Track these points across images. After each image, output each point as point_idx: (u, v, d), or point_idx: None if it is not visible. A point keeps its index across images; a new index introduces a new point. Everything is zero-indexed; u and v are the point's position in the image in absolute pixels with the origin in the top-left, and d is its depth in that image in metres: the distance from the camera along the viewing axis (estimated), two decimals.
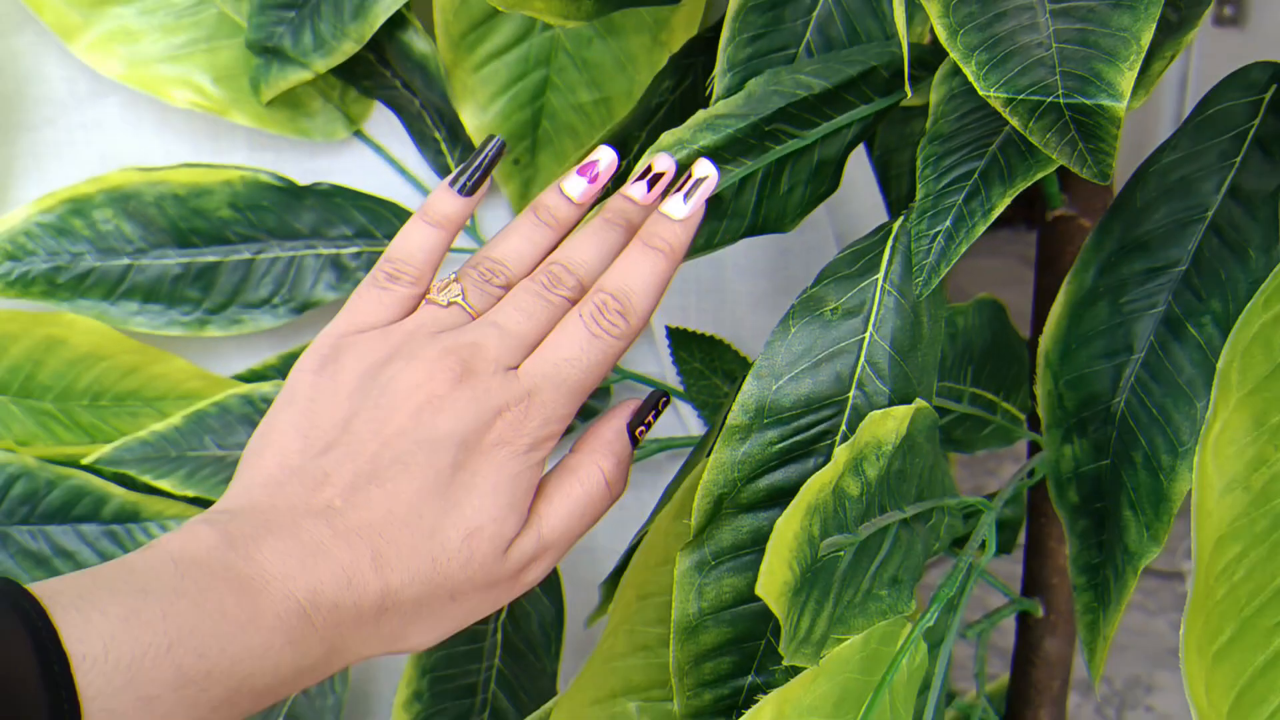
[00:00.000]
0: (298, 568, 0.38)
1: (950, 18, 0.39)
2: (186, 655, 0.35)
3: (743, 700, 0.43)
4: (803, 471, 0.42)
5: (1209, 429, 0.38)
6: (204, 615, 0.36)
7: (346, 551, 0.39)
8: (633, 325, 0.44)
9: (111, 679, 0.33)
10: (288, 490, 0.40)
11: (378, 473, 0.41)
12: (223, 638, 0.36)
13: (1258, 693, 0.37)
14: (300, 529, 0.39)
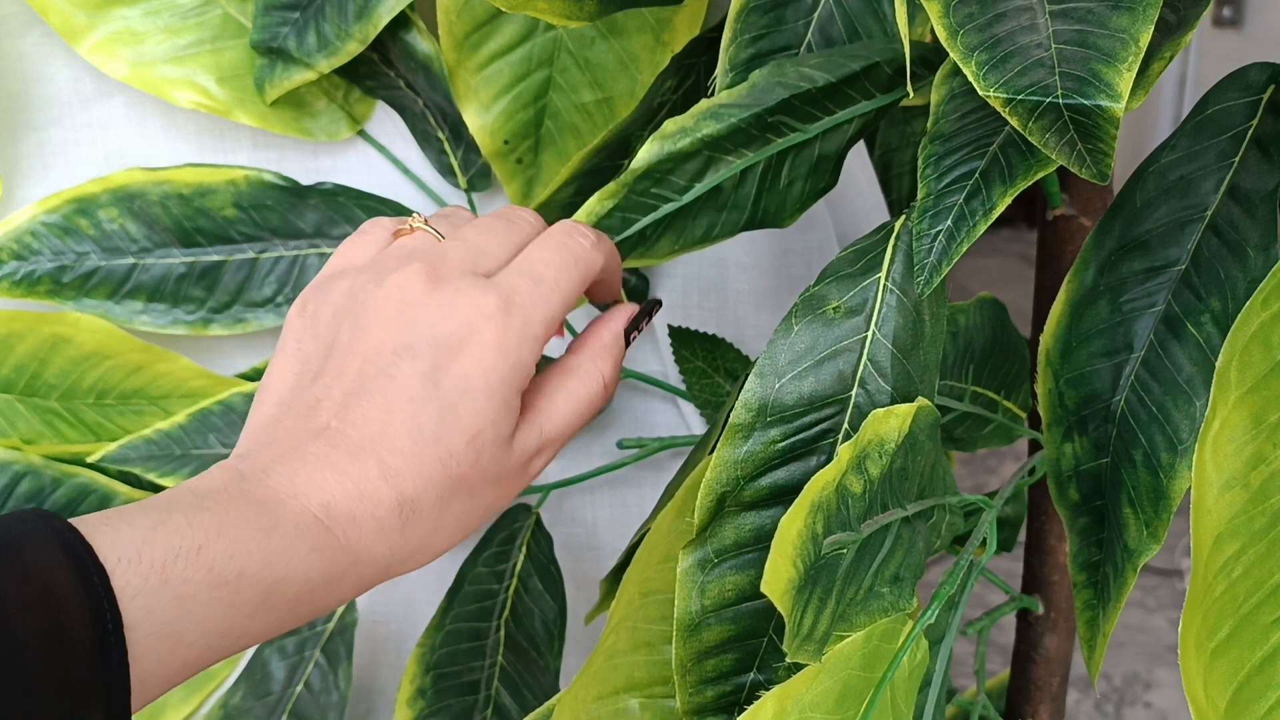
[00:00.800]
0: (307, 484, 0.39)
1: (950, 18, 0.39)
2: (217, 556, 0.36)
3: (745, 697, 0.43)
4: (805, 470, 0.42)
5: (1208, 427, 0.38)
6: (229, 522, 0.37)
7: (352, 465, 0.40)
8: (599, 242, 0.46)
9: (147, 578, 0.34)
10: (285, 423, 0.42)
11: (365, 388, 0.41)
12: (249, 541, 0.37)
13: (1255, 689, 0.38)
14: (303, 452, 0.40)
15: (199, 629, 0.35)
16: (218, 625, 0.36)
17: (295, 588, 0.38)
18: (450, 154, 0.70)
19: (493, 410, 0.42)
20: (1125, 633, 1.86)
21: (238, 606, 0.36)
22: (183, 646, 0.35)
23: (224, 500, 0.38)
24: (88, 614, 0.33)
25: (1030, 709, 0.63)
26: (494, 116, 0.67)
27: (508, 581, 0.67)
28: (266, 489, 0.39)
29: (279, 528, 0.38)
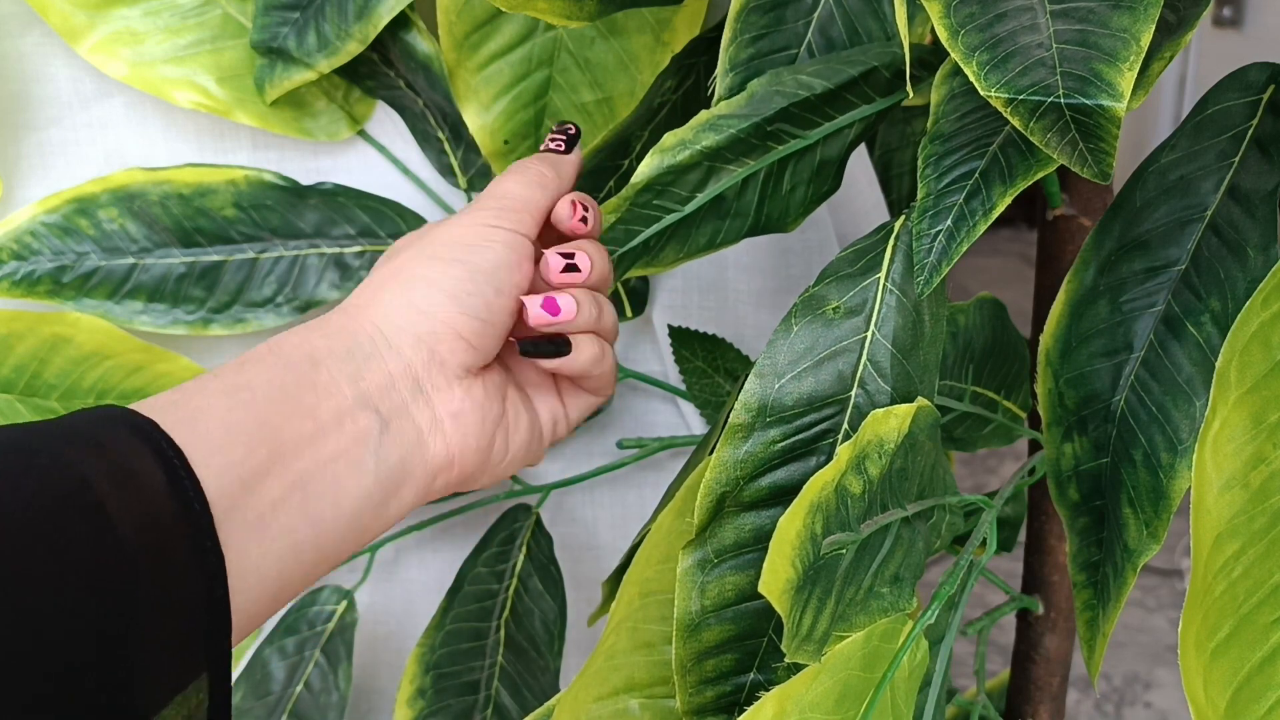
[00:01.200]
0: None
1: (951, 18, 0.39)
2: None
3: (745, 697, 0.43)
4: (805, 470, 0.42)
5: (1208, 427, 0.38)
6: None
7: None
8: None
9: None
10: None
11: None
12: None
13: (1255, 689, 0.38)
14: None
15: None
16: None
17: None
18: (450, 154, 0.70)
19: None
20: (1125, 633, 1.86)
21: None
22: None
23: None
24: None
25: (1030, 709, 0.63)
26: (494, 116, 0.67)
27: (508, 581, 0.67)
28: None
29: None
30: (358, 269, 0.68)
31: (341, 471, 0.41)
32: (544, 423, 0.52)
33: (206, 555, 0.36)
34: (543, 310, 0.48)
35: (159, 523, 0.34)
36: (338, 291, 0.68)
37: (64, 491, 0.33)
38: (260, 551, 0.38)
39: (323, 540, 0.40)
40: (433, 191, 0.71)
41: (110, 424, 0.36)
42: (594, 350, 0.50)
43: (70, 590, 0.32)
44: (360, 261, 0.68)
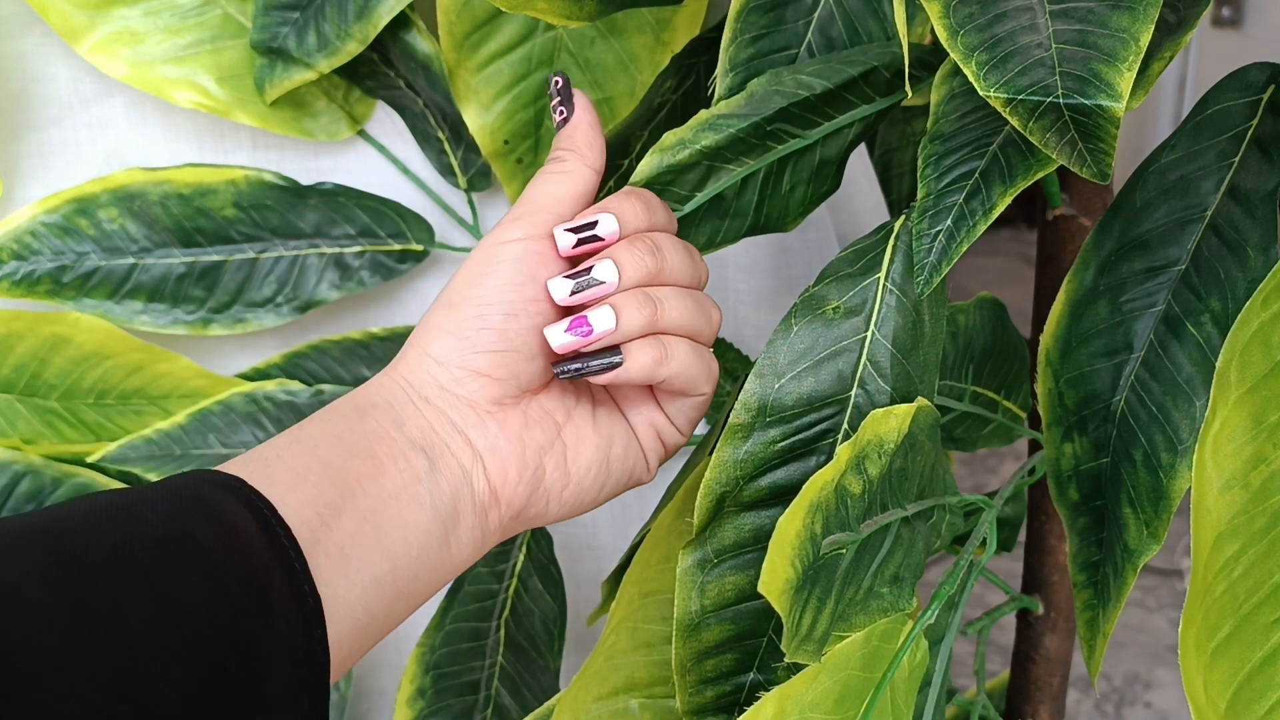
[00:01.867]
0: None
1: (951, 18, 0.39)
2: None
3: (744, 697, 0.43)
4: (804, 470, 0.42)
5: (1208, 427, 0.38)
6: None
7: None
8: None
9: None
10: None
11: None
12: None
13: (1255, 689, 0.38)
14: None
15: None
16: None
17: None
18: (450, 154, 0.70)
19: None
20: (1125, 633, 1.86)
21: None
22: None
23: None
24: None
25: (1030, 709, 0.63)
26: (494, 116, 0.67)
27: (508, 581, 0.67)
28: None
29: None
30: (358, 269, 0.68)
31: (404, 506, 0.42)
32: (643, 436, 0.48)
33: (305, 596, 0.37)
34: (570, 335, 0.43)
35: (257, 567, 0.36)
36: (337, 291, 0.68)
37: (168, 540, 0.35)
38: (346, 585, 0.39)
39: (400, 574, 0.41)
40: (433, 191, 0.71)
41: (199, 483, 0.38)
42: (651, 354, 0.43)
43: (175, 634, 0.34)
44: (360, 261, 0.68)
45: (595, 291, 0.43)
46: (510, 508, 0.45)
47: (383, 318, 0.72)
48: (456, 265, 0.71)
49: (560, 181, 0.46)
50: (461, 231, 0.71)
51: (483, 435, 0.44)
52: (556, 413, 0.46)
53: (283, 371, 0.70)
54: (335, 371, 0.70)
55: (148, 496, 0.37)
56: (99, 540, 0.34)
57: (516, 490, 0.44)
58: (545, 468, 0.45)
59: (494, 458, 0.44)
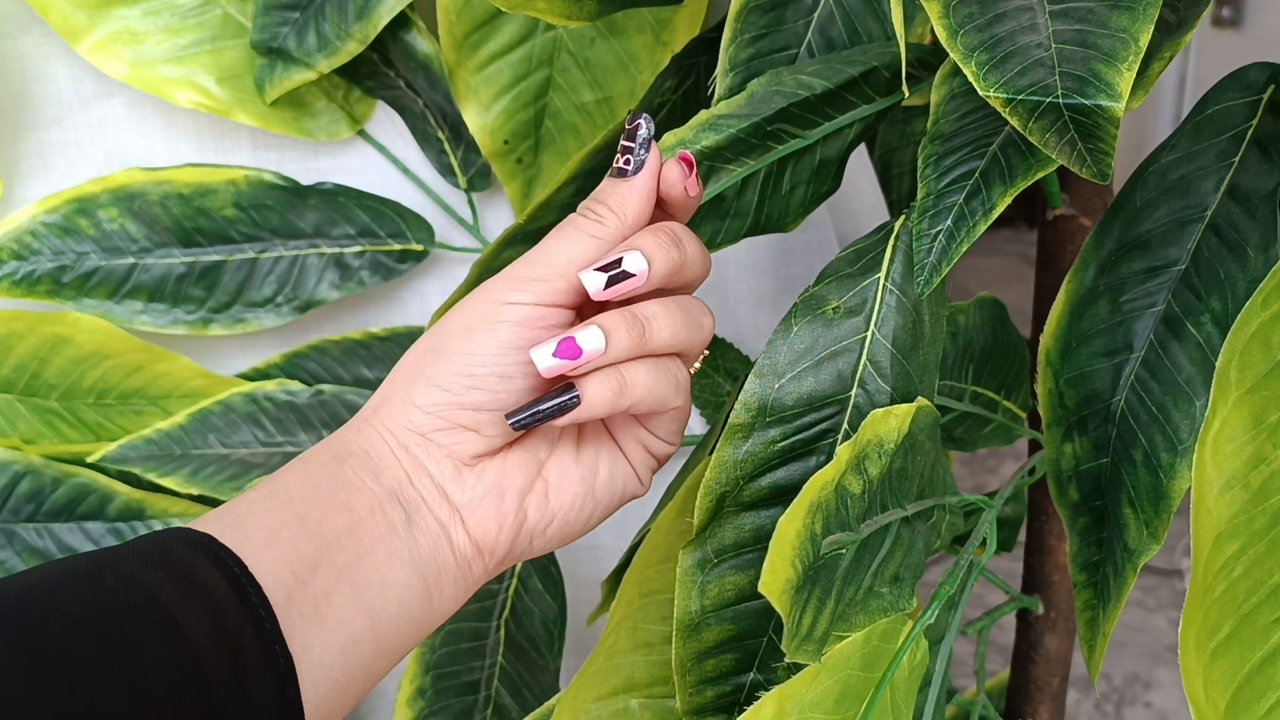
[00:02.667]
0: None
1: (950, 18, 0.39)
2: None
3: (744, 697, 0.43)
4: (804, 470, 0.42)
5: (1208, 427, 0.38)
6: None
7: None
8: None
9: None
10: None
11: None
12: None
13: (1255, 689, 0.38)
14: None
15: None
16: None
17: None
18: (450, 154, 0.70)
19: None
20: (1125, 633, 1.86)
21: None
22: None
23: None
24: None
25: (1030, 709, 0.63)
26: (494, 116, 0.67)
27: (508, 581, 0.67)
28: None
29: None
30: (358, 269, 0.68)
31: (381, 561, 0.40)
32: (631, 453, 0.46)
33: (276, 657, 0.36)
34: (557, 360, 0.40)
35: (228, 630, 0.35)
36: (337, 291, 0.68)
37: (134, 606, 0.34)
38: (322, 645, 0.38)
39: (379, 631, 0.40)
40: (433, 191, 0.71)
41: (169, 542, 0.37)
42: (609, 386, 0.41)
43: (144, 706, 0.33)
44: (360, 261, 0.68)
45: (629, 284, 0.41)
46: (494, 556, 0.43)
47: (383, 318, 0.72)
48: (456, 265, 0.71)
49: (587, 248, 0.42)
50: (461, 231, 0.71)
51: (460, 489, 0.42)
52: (539, 449, 0.44)
53: (283, 371, 0.70)
54: (335, 371, 0.70)
55: (114, 560, 0.36)
56: (61, 611, 0.34)
57: (499, 539, 0.43)
58: (527, 510, 0.43)
59: (472, 511, 0.42)
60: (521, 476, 0.43)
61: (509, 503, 0.43)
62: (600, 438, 0.45)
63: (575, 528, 0.45)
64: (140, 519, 0.66)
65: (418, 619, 0.41)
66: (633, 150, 0.43)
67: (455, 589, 0.43)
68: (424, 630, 0.42)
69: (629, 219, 0.42)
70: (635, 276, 0.41)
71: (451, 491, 0.42)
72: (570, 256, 0.42)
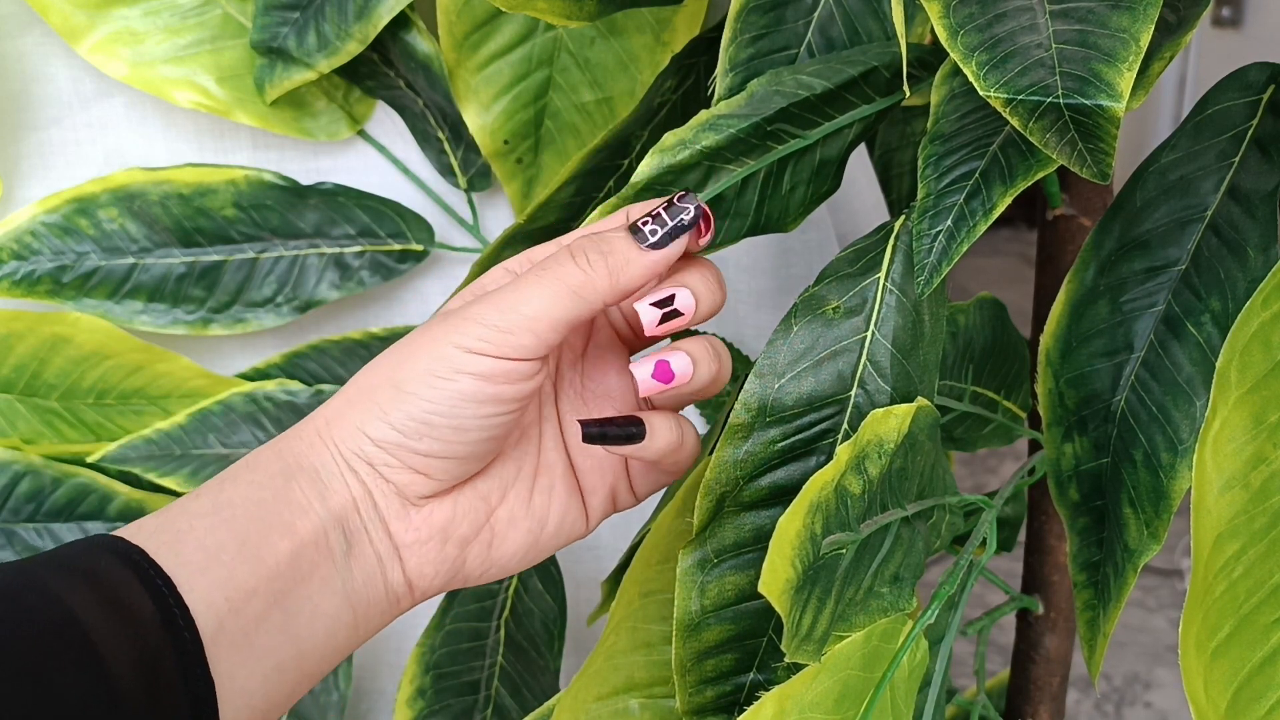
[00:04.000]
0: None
1: (950, 18, 0.39)
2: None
3: (744, 697, 0.43)
4: (804, 470, 0.42)
5: (1208, 427, 0.38)
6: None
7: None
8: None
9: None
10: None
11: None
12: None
13: (1255, 689, 0.38)
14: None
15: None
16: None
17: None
18: (450, 154, 0.70)
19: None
20: (1125, 633, 1.86)
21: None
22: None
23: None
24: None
25: (1030, 709, 0.63)
26: (494, 116, 0.67)
27: (508, 581, 0.67)
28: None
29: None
30: (358, 269, 0.68)
31: (315, 590, 0.40)
32: (594, 497, 0.45)
33: (196, 681, 0.36)
34: (655, 380, 0.41)
35: (149, 653, 0.35)
36: (337, 291, 0.68)
37: (52, 625, 0.34)
38: (246, 673, 0.37)
39: (304, 659, 0.40)
40: (433, 191, 0.71)
41: (98, 553, 0.36)
42: (673, 436, 0.42)
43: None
44: (360, 261, 0.68)
45: (679, 322, 0.41)
46: (423, 594, 0.43)
47: (383, 318, 0.72)
48: (456, 265, 0.71)
49: (569, 303, 0.40)
50: (461, 231, 0.71)
51: (405, 528, 0.41)
52: (491, 494, 0.43)
53: (283, 371, 0.70)
54: (335, 371, 0.70)
55: (38, 574, 0.35)
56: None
57: (433, 582, 0.42)
58: (466, 558, 0.43)
59: (413, 554, 0.42)
60: (468, 524, 0.42)
61: (450, 549, 0.42)
62: (558, 485, 0.44)
63: (509, 571, 0.44)
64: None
65: (342, 647, 0.41)
66: (666, 225, 0.41)
67: (380, 620, 0.42)
68: (344, 656, 0.42)
69: (620, 288, 0.40)
70: (683, 316, 0.41)
71: (395, 530, 0.41)
72: (543, 311, 0.40)
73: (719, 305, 0.42)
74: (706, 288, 0.41)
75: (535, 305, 0.40)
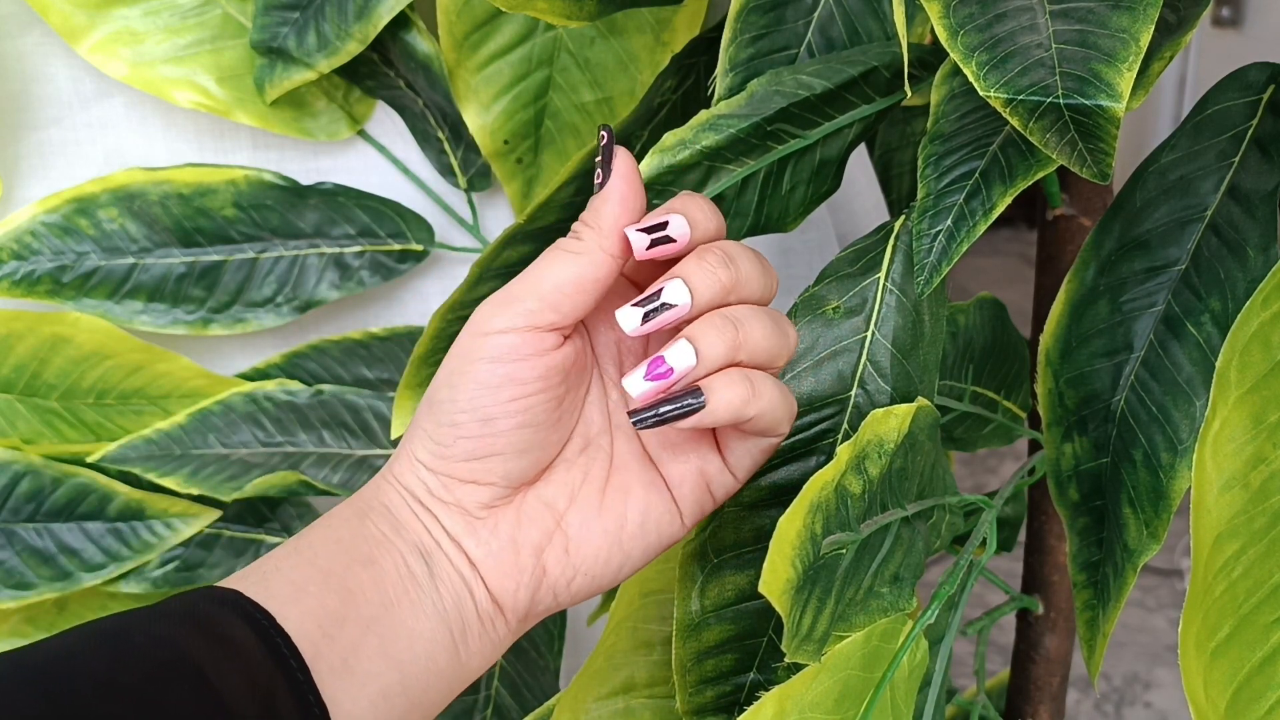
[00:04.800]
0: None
1: (951, 18, 0.39)
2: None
3: (745, 697, 0.43)
4: (804, 470, 0.42)
5: (1208, 427, 0.38)
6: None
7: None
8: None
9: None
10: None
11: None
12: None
13: (1255, 689, 0.38)
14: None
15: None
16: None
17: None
18: (450, 154, 0.70)
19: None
20: (1125, 633, 1.86)
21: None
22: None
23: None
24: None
25: (1030, 709, 0.63)
26: (494, 116, 0.67)
27: None
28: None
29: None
30: (358, 269, 0.68)
31: (406, 615, 0.40)
32: (684, 488, 0.42)
33: (311, 708, 0.36)
34: (651, 382, 0.38)
35: (259, 682, 0.35)
36: (337, 291, 0.68)
37: (162, 663, 0.34)
38: (351, 699, 0.38)
39: (409, 684, 0.40)
40: (433, 191, 0.71)
41: (194, 600, 0.37)
42: (738, 391, 0.38)
43: None
44: (360, 261, 0.68)
45: (669, 315, 0.39)
46: (515, 613, 0.42)
47: (383, 318, 0.72)
48: (456, 265, 0.71)
49: (566, 266, 0.40)
50: (461, 231, 0.71)
51: (476, 543, 0.41)
52: (558, 500, 0.42)
53: (283, 371, 0.70)
54: (335, 371, 0.70)
55: (140, 620, 0.36)
56: (89, 670, 0.34)
57: (518, 596, 0.41)
58: (546, 565, 0.41)
59: (490, 566, 0.41)
60: (537, 530, 0.41)
61: (525, 558, 0.41)
62: (632, 482, 0.42)
63: (603, 581, 0.42)
64: (140, 519, 0.66)
65: (447, 673, 0.41)
66: (601, 163, 0.41)
67: (482, 645, 0.41)
68: (455, 686, 0.41)
69: (604, 227, 0.40)
70: (677, 308, 0.39)
71: (468, 547, 0.41)
72: (552, 279, 0.40)
73: (731, 282, 0.40)
74: (704, 272, 0.39)
75: (535, 272, 0.40)
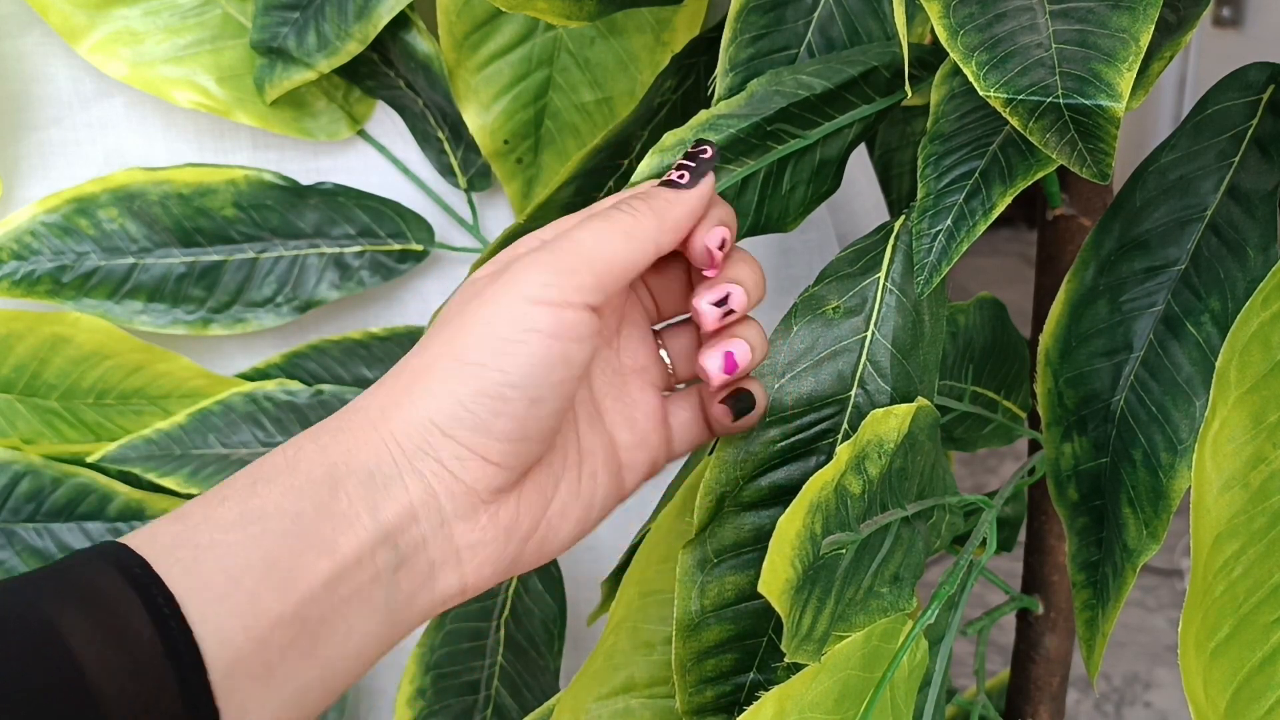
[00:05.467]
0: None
1: (950, 18, 0.39)
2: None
3: (744, 697, 0.43)
4: (804, 470, 0.42)
5: (1207, 427, 0.38)
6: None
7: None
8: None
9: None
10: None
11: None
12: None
13: (1255, 689, 0.38)
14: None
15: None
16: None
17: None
18: (450, 154, 0.70)
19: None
20: (1125, 633, 1.86)
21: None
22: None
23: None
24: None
25: (1030, 709, 0.63)
26: (494, 116, 0.67)
27: (508, 582, 0.67)
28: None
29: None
30: (358, 269, 0.68)
31: (353, 613, 0.36)
32: (629, 478, 0.44)
33: (197, 709, 0.32)
34: (725, 373, 0.41)
35: (147, 688, 0.32)
36: (337, 291, 0.68)
37: (40, 655, 0.31)
38: (260, 704, 0.34)
39: (329, 680, 0.36)
40: (433, 191, 0.71)
41: (101, 567, 0.33)
42: (764, 400, 0.43)
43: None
44: (360, 261, 0.68)
45: (731, 317, 0.42)
46: (473, 593, 0.40)
47: (383, 318, 0.72)
48: (456, 265, 0.71)
49: (622, 244, 0.39)
50: (461, 231, 0.71)
51: (471, 528, 0.38)
52: (547, 486, 0.41)
53: (283, 371, 0.70)
54: (335, 371, 0.70)
55: (25, 591, 0.32)
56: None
57: (489, 581, 0.40)
58: (523, 553, 0.40)
59: (474, 554, 0.39)
60: (529, 519, 0.40)
61: (511, 547, 0.40)
62: (599, 468, 0.43)
63: (555, 556, 0.43)
64: (140, 518, 0.66)
65: (371, 660, 0.38)
66: (693, 169, 0.41)
67: (418, 625, 0.39)
68: (371, 667, 0.39)
69: (667, 226, 0.40)
70: (737, 312, 0.42)
71: (459, 532, 0.38)
72: (598, 250, 0.38)
73: (762, 297, 0.43)
74: (754, 282, 0.42)
75: (590, 245, 0.38)
